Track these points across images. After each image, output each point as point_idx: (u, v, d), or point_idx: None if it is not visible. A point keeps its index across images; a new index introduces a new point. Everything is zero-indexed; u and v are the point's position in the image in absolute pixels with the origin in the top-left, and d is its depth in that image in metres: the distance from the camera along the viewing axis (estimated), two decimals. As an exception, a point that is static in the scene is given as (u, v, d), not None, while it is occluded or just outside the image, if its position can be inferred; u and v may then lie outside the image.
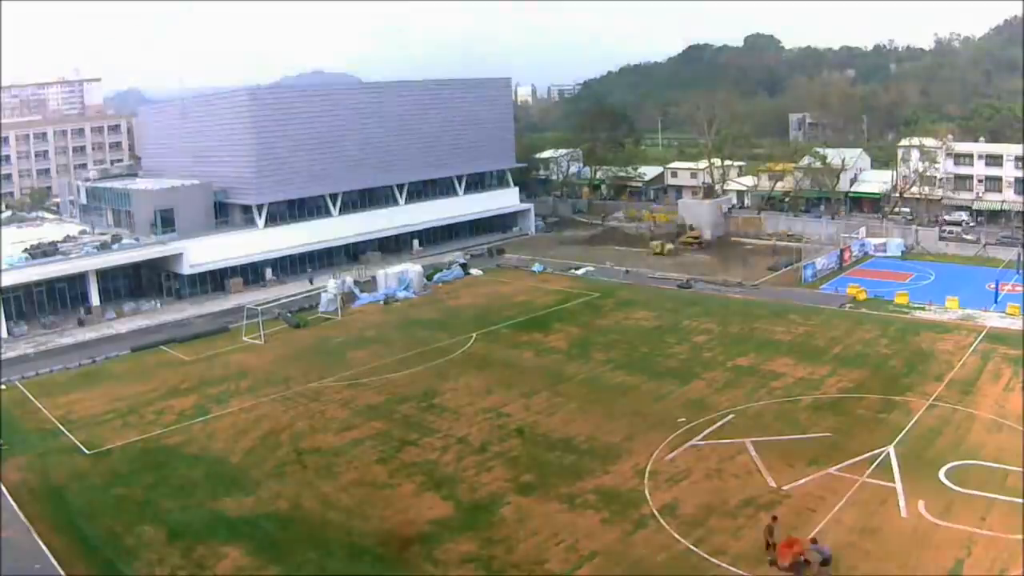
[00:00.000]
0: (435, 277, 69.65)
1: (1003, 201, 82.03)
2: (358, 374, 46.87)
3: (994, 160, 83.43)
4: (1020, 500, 28.52)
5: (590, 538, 28.18)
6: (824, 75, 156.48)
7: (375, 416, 40.51)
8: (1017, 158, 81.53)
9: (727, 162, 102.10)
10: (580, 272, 71.50)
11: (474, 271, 72.50)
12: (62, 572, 27.69)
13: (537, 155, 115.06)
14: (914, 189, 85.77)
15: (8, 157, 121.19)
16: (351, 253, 78.40)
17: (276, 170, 72.03)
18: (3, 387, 46.88)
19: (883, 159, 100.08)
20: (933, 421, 36.36)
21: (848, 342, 48.57)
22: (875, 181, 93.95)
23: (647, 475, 32.45)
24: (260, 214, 72.86)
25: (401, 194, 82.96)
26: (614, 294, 63.61)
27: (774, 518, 26.95)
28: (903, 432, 35.15)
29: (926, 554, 26.19)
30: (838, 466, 32.20)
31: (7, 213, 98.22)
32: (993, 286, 57.60)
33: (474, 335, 53.24)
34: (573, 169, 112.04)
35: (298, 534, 29.61)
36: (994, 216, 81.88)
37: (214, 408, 42.45)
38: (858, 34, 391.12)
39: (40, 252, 63.84)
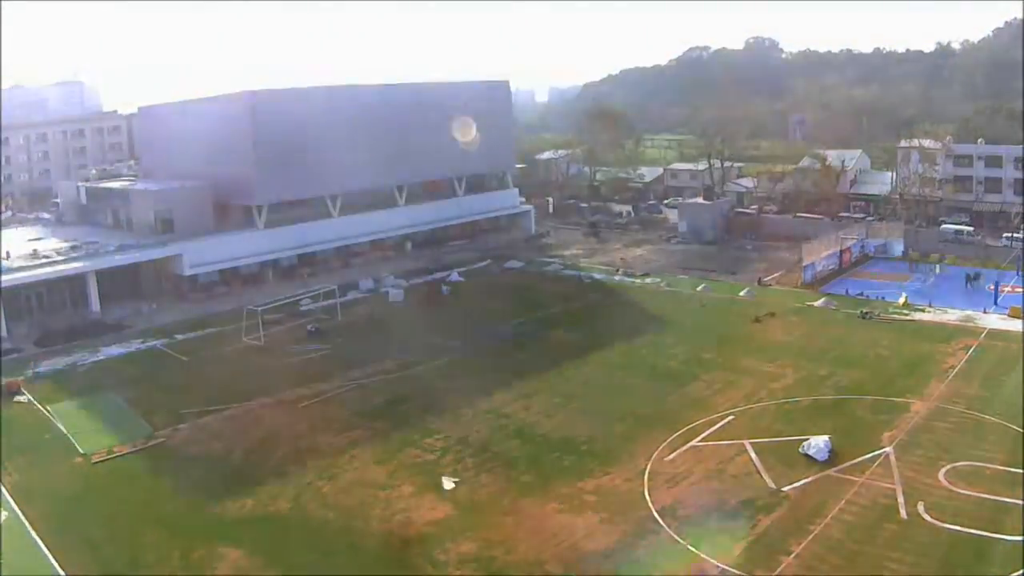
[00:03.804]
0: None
1: (1003, 203, 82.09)
2: (357, 374, 46.83)
3: (994, 161, 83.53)
4: (1020, 500, 28.55)
5: (590, 538, 28.20)
6: (824, 77, 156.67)
7: (375, 416, 40.51)
8: (1017, 159, 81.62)
9: (727, 163, 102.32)
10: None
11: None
12: (62, 572, 27.73)
13: (537, 156, 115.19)
14: (914, 191, 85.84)
15: (8, 157, 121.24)
16: (352, 254, 78.43)
17: (276, 171, 71.94)
18: (2, 383, 46.74)
19: (883, 160, 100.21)
20: (933, 422, 36.41)
21: (848, 343, 48.61)
22: (875, 182, 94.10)
23: (647, 476, 32.48)
24: (260, 215, 72.89)
25: (401, 195, 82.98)
26: (614, 295, 63.61)
27: None
28: (903, 433, 35.21)
29: (926, 555, 26.21)
30: (838, 467, 32.25)
31: (7, 213, 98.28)
32: (993, 287, 57.62)
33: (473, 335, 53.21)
34: (573, 170, 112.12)
35: (298, 534, 29.63)
36: (993, 218, 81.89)
37: (214, 408, 42.36)
38: (858, 37, 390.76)
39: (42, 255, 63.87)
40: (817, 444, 33.43)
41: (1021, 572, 24.72)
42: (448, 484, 32.80)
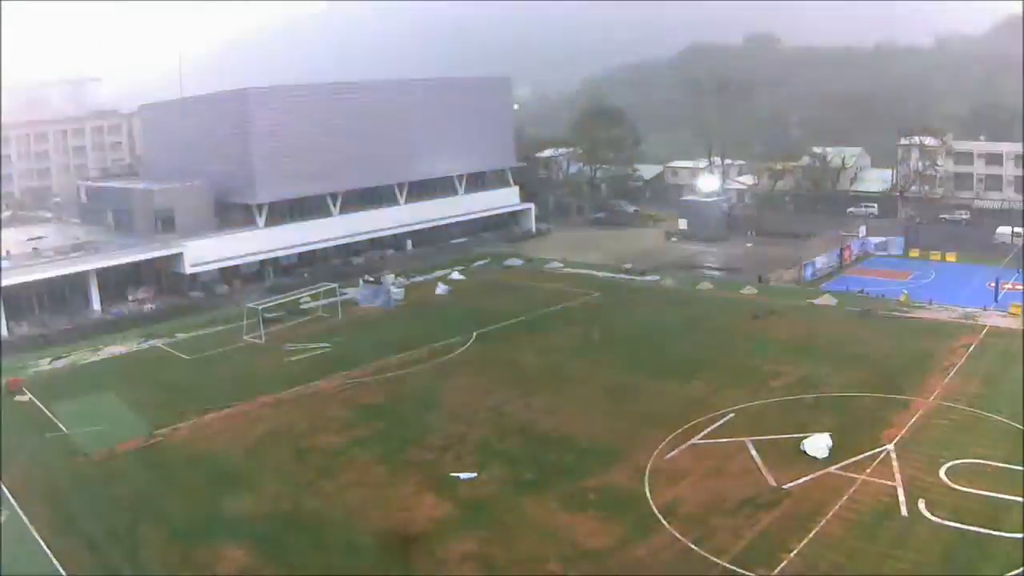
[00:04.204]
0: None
1: (1003, 200, 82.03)
2: (358, 373, 46.84)
3: (994, 159, 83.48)
4: (1020, 499, 28.52)
5: (590, 537, 28.17)
6: (824, 74, 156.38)
7: (375, 416, 40.49)
8: (1017, 157, 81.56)
9: (727, 161, 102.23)
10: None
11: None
12: (63, 572, 27.72)
13: (537, 154, 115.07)
14: (914, 188, 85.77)
15: (8, 157, 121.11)
16: (352, 253, 78.43)
17: (276, 170, 71.97)
18: (3, 383, 46.77)
19: (883, 158, 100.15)
20: (933, 420, 36.36)
21: (848, 340, 48.55)
22: (875, 180, 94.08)
23: (647, 474, 32.43)
24: (260, 214, 72.86)
25: (401, 193, 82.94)
26: (614, 293, 63.59)
27: None
28: (903, 431, 35.15)
29: (927, 552, 26.19)
30: (838, 465, 32.20)
31: (7, 212, 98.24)
32: (993, 285, 57.58)
33: (474, 335, 53.20)
34: (573, 168, 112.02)
35: (298, 534, 29.62)
36: (993, 215, 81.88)
37: (214, 407, 42.38)
38: (858, 34, 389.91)
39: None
40: (818, 442, 33.40)
41: (1022, 570, 24.70)
42: (466, 476, 32.98)
